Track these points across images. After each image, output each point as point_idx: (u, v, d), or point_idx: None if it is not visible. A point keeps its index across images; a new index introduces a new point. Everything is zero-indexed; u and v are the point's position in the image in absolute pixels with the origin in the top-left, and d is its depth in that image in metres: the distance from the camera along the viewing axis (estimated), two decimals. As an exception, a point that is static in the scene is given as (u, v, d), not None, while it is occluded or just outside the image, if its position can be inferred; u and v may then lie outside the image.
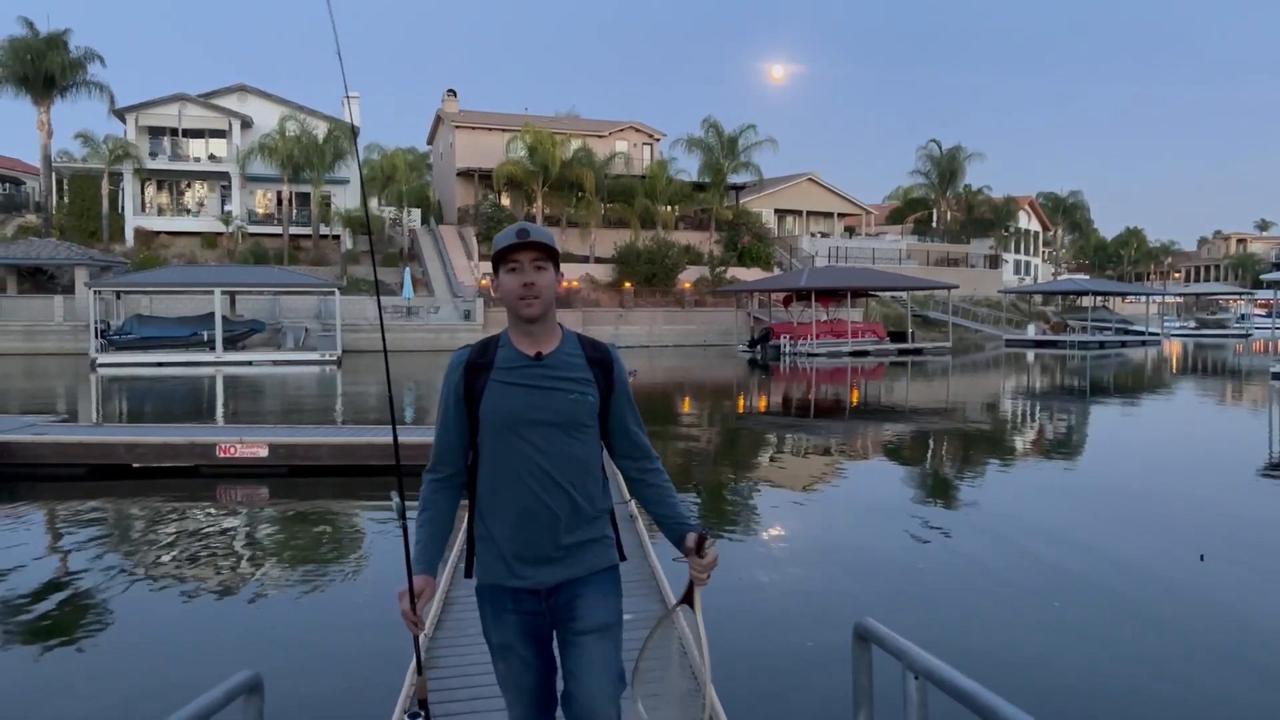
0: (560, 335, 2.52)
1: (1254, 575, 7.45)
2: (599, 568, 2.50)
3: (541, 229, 2.46)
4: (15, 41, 43.93)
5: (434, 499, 2.53)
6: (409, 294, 42.45)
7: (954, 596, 6.88)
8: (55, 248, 39.88)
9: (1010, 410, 21.03)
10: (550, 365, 2.45)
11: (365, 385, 26.39)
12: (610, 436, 2.58)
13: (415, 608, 2.36)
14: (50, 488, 10.82)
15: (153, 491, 10.73)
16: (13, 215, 49.47)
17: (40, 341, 37.25)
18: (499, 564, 2.46)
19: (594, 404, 2.47)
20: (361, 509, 9.89)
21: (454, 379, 2.49)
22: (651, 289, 47.59)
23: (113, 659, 5.74)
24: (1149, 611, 6.53)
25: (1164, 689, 5.23)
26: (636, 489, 2.63)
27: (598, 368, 2.50)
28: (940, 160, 68.50)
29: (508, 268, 2.43)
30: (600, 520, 2.52)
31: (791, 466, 13.22)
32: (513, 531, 2.42)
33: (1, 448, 11.14)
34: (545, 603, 2.46)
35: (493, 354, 2.48)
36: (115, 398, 22.77)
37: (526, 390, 2.42)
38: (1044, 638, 5.97)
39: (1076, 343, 48.56)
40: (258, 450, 11.31)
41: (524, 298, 2.41)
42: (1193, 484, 11.76)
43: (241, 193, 48.77)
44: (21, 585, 7.15)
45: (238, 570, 7.62)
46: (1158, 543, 8.44)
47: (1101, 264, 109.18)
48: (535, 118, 55.70)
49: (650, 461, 2.61)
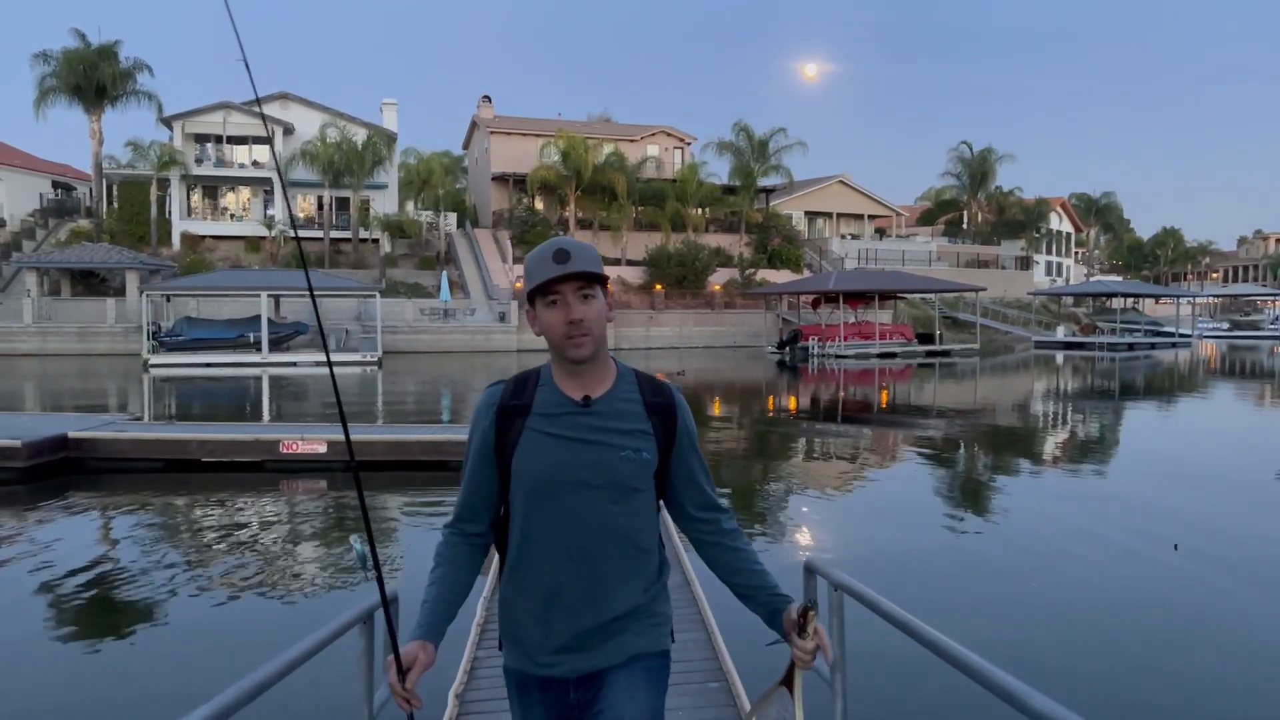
0: (614, 375, 2.10)
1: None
2: (642, 651, 2.09)
3: (582, 247, 2.02)
4: (69, 53, 45.56)
5: (450, 556, 2.13)
6: (446, 297, 43.52)
7: (958, 581, 7.63)
8: (107, 252, 41.37)
9: (1029, 413, 21.59)
10: (600, 413, 2.04)
11: (405, 385, 27.42)
12: (671, 495, 2.18)
13: (405, 681, 1.92)
14: (131, 479, 11.81)
15: (224, 484, 11.69)
16: (65, 220, 51.18)
17: (93, 343, 38.67)
18: (522, 646, 2.10)
19: (650, 462, 2.06)
20: (410, 502, 10.79)
21: (483, 424, 2.09)
22: (682, 291, 48.37)
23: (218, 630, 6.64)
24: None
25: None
26: (707, 553, 2.22)
27: (657, 416, 2.09)
28: (971, 162, 68.66)
29: (547, 300, 2.01)
30: (649, 601, 2.11)
31: (822, 467, 13.97)
32: (540, 612, 2.05)
33: (86, 443, 12.17)
34: (574, 695, 2.08)
35: (530, 395, 2.07)
36: (173, 397, 23.92)
37: (568, 444, 2.02)
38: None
39: (1105, 344, 48.70)
40: (317, 447, 12.24)
41: (571, 337, 1.99)
42: (1200, 498, 12.36)
43: (283, 198, 50.13)
44: (130, 562, 8.09)
45: (296, 556, 8.53)
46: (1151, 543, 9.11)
47: (1137, 264, 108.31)
48: (568, 123, 56.71)
49: (721, 520, 2.20)
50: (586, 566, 2.02)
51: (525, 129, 56.26)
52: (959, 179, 70.34)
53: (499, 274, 46.67)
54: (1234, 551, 8.44)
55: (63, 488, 11.31)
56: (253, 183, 51.14)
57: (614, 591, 2.04)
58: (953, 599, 7.09)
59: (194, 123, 50.22)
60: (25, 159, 57.45)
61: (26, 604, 6.98)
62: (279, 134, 50.43)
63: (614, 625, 2.05)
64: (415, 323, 41.89)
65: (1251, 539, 8.92)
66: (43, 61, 45.82)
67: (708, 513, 2.20)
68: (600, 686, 2.06)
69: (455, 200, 61.59)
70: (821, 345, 40.73)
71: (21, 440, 11.39)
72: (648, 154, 55.33)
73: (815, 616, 1.99)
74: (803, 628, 2.00)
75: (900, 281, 46.36)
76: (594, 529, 2.02)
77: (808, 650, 2.00)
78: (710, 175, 54.83)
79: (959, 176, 70.08)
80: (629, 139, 57.26)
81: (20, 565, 8.00)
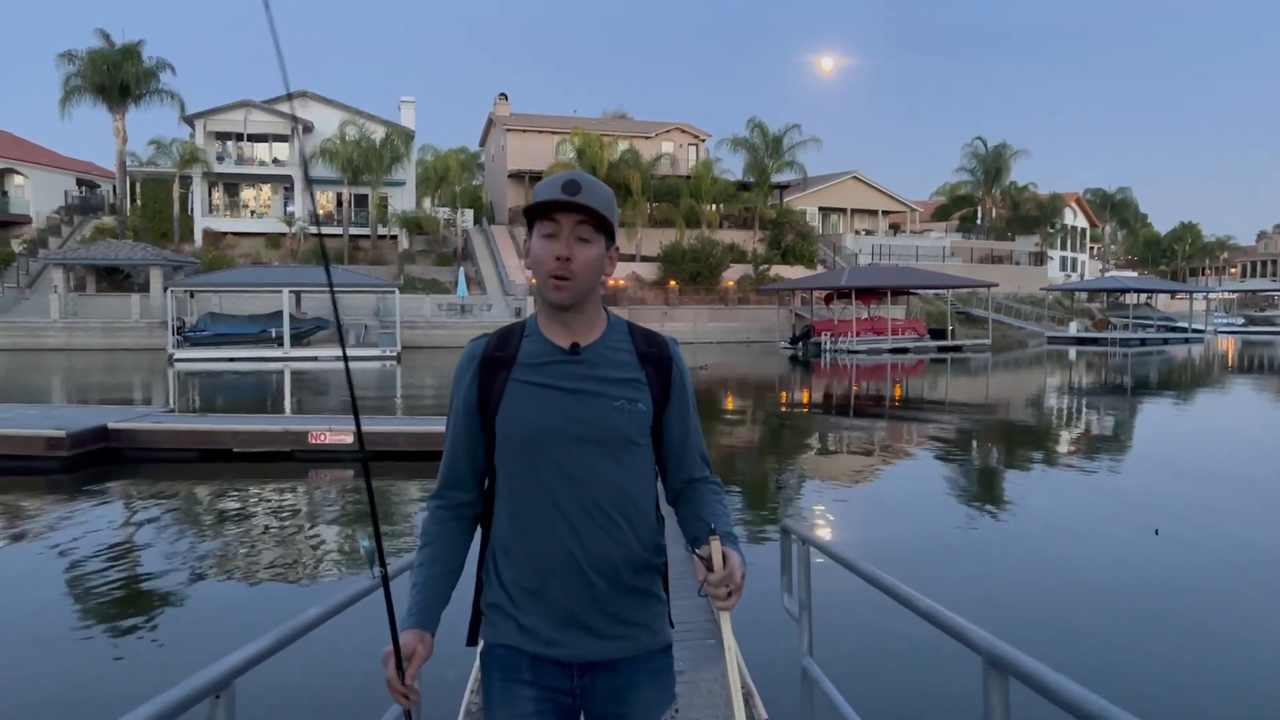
0: (605, 323, 1.96)
1: None
2: (653, 646, 1.93)
3: (597, 186, 1.88)
4: (94, 53, 46.41)
5: (437, 533, 1.95)
6: (463, 292, 44.15)
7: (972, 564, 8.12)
8: (132, 249, 42.20)
9: (1032, 408, 21.98)
10: (589, 361, 1.89)
11: (424, 379, 28.03)
12: (662, 457, 2.01)
13: (404, 675, 1.76)
14: (167, 468, 12.41)
15: (255, 474, 12.26)
16: (89, 217, 52.12)
17: (118, 337, 39.47)
18: (516, 623, 1.88)
19: (645, 414, 1.90)
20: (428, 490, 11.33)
21: (464, 379, 1.93)
22: (696, 287, 48.82)
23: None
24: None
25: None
26: (682, 512, 2.04)
27: (651, 366, 1.93)
28: (985, 157, 68.82)
29: (543, 232, 1.85)
30: (655, 576, 1.94)
31: (833, 460, 14.46)
32: (536, 585, 1.86)
33: (125, 434, 12.78)
34: (577, 682, 1.88)
35: (516, 346, 1.92)
36: (200, 391, 24.60)
37: (556, 395, 1.86)
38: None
39: (1118, 340, 48.89)
40: (345, 437, 12.81)
41: (555, 276, 1.83)
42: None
43: (303, 194, 50.90)
44: (166, 545, 8.67)
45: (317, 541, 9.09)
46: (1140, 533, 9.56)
47: (1155, 259, 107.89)
48: (584, 120, 57.24)
49: (705, 482, 2.03)
50: (584, 529, 1.83)
51: (541, 126, 56.83)
52: (973, 174, 70.52)
53: (515, 270, 47.26)
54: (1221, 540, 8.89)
55: (103, 475, 11.92)
56: (273, 180, 51.90)
57: (615, 557, 1.85)
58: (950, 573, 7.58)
59: (215, 121, 51.03)
60: (51, 157, 58.44)
61: (76, 581, 7.56)
62: (299, 132, 51.17)
63: (620, 604, 1.87)
64: (433, 318, 42.54)
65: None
66: (68, 61, 46.70)
67: (698, 484, 2.01)
68: (615, 684, 1.88)
69: (472, 197, 62.25)
70: (834, 341, 41.13)
71: (65, 431, 12.00)
72: (662, 151, 55.76)
73: (716, 541, 1.74)
74: (708, 560, 1.74)
75: (912, 278, 46.68)
76: (589, 487, 1.83)
77: (712, 584, 1.72)
78: (724, 172, 55.27)
79: (973, 172, 70.27)
80: (644, 136, 57.73)
81: (70, 545, 8.59)
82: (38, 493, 11.01)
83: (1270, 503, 10.64)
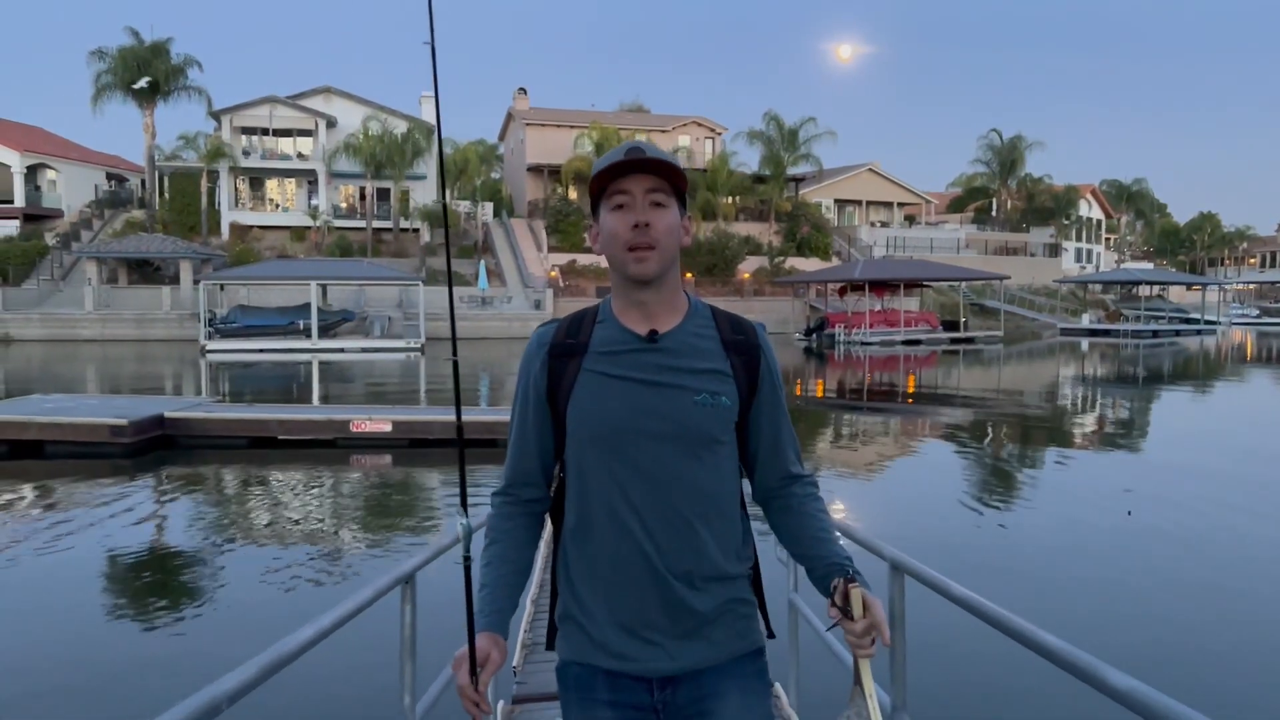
0: (686, 308, 1.80)
1: None
2: (741, 652, 1.78)
3: (660, 150, 1.72)
4: (124, 51, 47.56)
5: (505, 529, 1.85)
6: (484, 285, 45.11)
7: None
8: (163, 242, 43.38)
9: (1031, 400, 22.72)
10: (669, 349, 1.74)
11: (448, 369, 28.92)
12: (749, 455, 1.86)
13: (478, 682, 1.66)
14: (219, 454, 13.37)
15: (301, 459, 13.21)
16: (119, 210, 53.40)
17: (149, 329, 40.65)
18: (588, 635, 1.77)
19: (730, 409, 1.75)
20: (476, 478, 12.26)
21: (533, 368, 1.81)
22: (712, 279, 49.64)
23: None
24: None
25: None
26: (775, 519, 1.89)
27: (738, 355, 1.79)
28: (1001, 149, 69.22)
29: (612, 204, 1.72)
30: (739, 581, 1.79)
31: (850, 449, 15.30)
32: (609, 591, 1.73)
33: (180, 422, 13.76)
34: (658, 696, 1.75)
35: (588, 333, 1.79)
36: (235, 381, 25.64)
37: (632, 386, 1.72)
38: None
39: (1130, 332, 49.41)
40: (383, 426, 13.75)
41: (635, 247, 1.69)
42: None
43: (327, 188, 51.98)
44: (220, 524, 9.61)
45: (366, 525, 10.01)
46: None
47: (1174, 250, 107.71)
48: (601, 114, 58.05)
49: (804, 489, 1.87)
50: (661, 535, 1.69)
51: (560, 121, 57.66)
52: (989, 166, 70.96)
53: (534, 263, 48.19)
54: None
55: (161, 461, 12.89)
56: (297, 174, 52.98)
57: (694, 566, 1.71)
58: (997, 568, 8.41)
59: (241, 116, 52.12)
60: (81, 151, 59.73)
61: (143, 555, 8.51)
62: (322, 127, 52.21)
63: (700, 612, 1.72)
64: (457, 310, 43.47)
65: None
66: (99, 59, 47.87)
67: (789, 483, 1.86)
68: (699, 695, 1.74)
69: (491, 190, 63.16)
70: (847, 332, 41.87)
71: (127, 419, 12.97)
72: (679, 144, 56.58)
73: (857, 590, 1.60)
74: (846, 608, 1.61)
75: (925, 270, 47.32)
76: (667, 488, 1.70)
77: (856, 633, 1.60)
78: (741, 165, 56.01)
79: (989, 164, 70.71)
80: (661, 130, 58.49)
81: (138, 524, 9.55)
82: (110, 475, 11.97)
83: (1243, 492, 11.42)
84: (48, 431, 12.93)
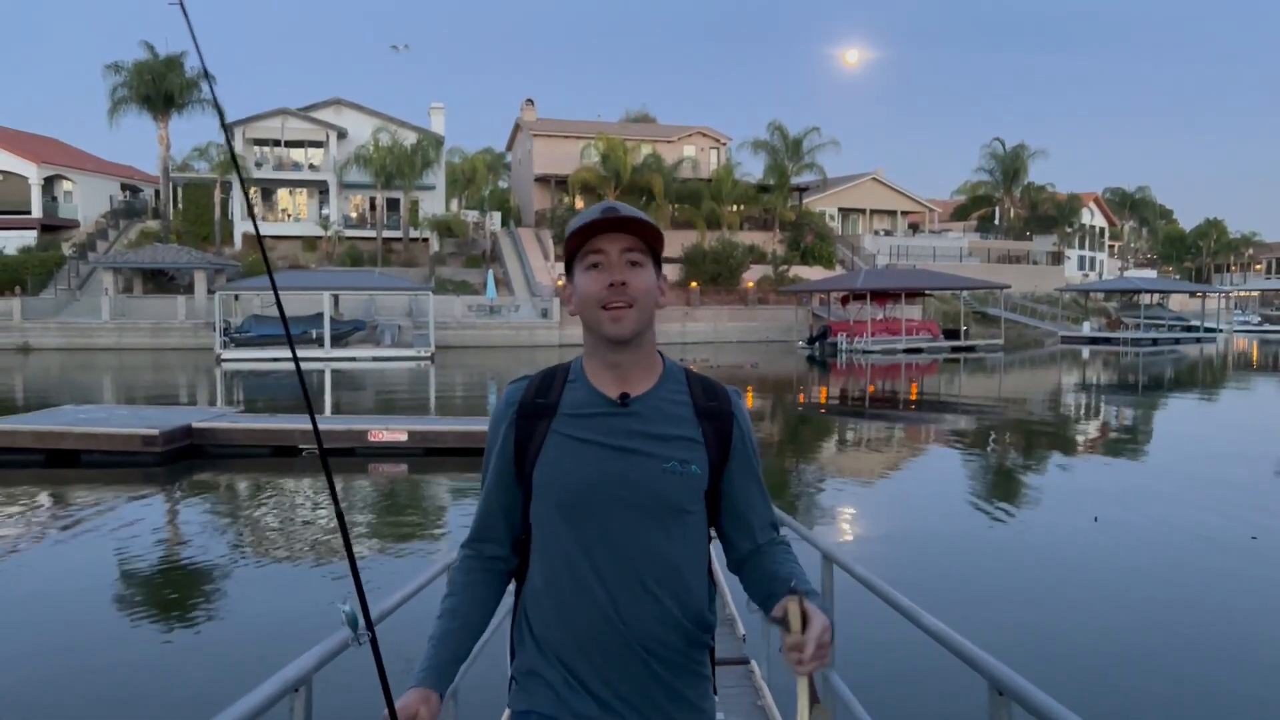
0: (660, 371, 1.77)
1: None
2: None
3: (637, 212, 1.69)
4: (140, 65, 48.46)
5: (463, 584, 1.80)
6: (492, 294, 45.86)
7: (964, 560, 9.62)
8: (178, 253, 44.22)
9: (1028, 406, 23.34)
10: (640, 414, 1.71)
11: (457, 378, 29.71)
12: (721, 518, 1.82)
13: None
14: (245, 462, 14.08)
15: (321, 468, 13.86)
16: (134, 221, 54.33)
17: (164, 338, 41.41)
18: (551, 691, 1.72)
19: (700, 478, 1.71)
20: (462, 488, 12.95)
21: (500, 427, 1.77)
22: (716, 288, 50.27)
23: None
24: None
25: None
26: (748, 579, 1.84)
27: (709, 422, 1.75)
28: (1004, 158, 69.88)
29: (587, 264, 1.70)
30: (698, 650, 1.76)
31: (840, 454, 15.96)
32: (572, 654, 1.70)
33: (207, 432, 14.47)
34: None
35: (558, 393, 1.75)
36: (251, 390, 26.40)
37: (601, 452, 1.68)
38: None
39: (1130, 340, 49.92)
40: (399, 436, 14.44)
41: (610, 306, 1.66)
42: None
43: (338, 199, 52.82)
44: (249, 528, 10.31)
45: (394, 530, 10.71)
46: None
47: (1179, 256, 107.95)
48: (608, 125, 58.87)
49: (772, 544, 1.83)
50: (623, 601, 1.67)
51: (567, 132, 58.47)
52: (992, 175, 71.60)
53: (542, 272, 48.93)
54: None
55: (191, 469, 13.60)
56: (308, 185, 53.80)
57: (656, 632, 1.69)
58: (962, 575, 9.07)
59: (254, 128, 52.95)
60: (96, 163, 60.71)
61: (178, 555, 9.22)
62: (333, 138, 53.06)
63: (660, 679, 1.70)
64: (463, 319, 44.25)
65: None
66: (114, 72, 48.76)
67: (764, 548, 1.82)
68: None
69: (499, 199, 63.98)
70: (850, 341, 42.47)
71: (158, 429, 13.69)
72: (684, 154, 57.36)
73: (794, 602, 1.50)
74: (787, 619, 1.50)
75: (927, 279, 47.91)
76: (631, 557, 1.67)
77: (785, 646, 1.48)
78: (745, 175, 56.74)
79: (992, 172, 71.36)
80: (666, 140, 59.25)
81: (171, 528, 10.26)
82: (144, 483, 12.68)
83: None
84: (84, 441, 13.65)
